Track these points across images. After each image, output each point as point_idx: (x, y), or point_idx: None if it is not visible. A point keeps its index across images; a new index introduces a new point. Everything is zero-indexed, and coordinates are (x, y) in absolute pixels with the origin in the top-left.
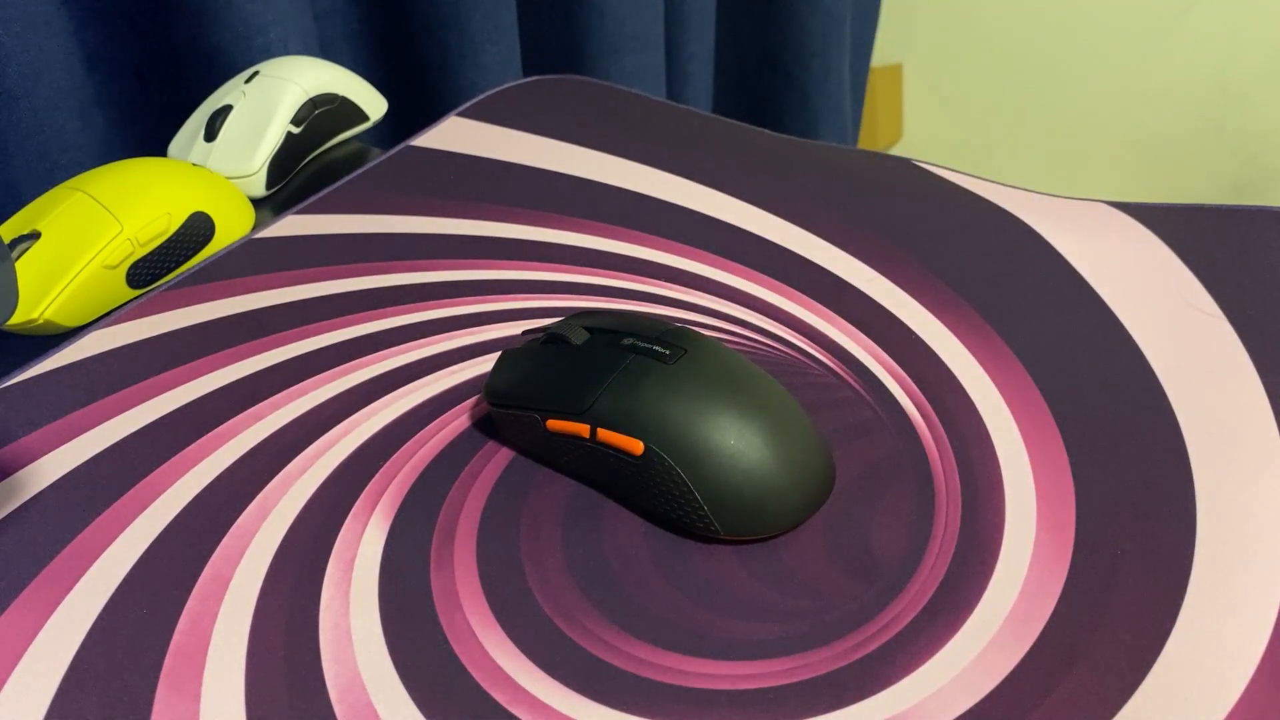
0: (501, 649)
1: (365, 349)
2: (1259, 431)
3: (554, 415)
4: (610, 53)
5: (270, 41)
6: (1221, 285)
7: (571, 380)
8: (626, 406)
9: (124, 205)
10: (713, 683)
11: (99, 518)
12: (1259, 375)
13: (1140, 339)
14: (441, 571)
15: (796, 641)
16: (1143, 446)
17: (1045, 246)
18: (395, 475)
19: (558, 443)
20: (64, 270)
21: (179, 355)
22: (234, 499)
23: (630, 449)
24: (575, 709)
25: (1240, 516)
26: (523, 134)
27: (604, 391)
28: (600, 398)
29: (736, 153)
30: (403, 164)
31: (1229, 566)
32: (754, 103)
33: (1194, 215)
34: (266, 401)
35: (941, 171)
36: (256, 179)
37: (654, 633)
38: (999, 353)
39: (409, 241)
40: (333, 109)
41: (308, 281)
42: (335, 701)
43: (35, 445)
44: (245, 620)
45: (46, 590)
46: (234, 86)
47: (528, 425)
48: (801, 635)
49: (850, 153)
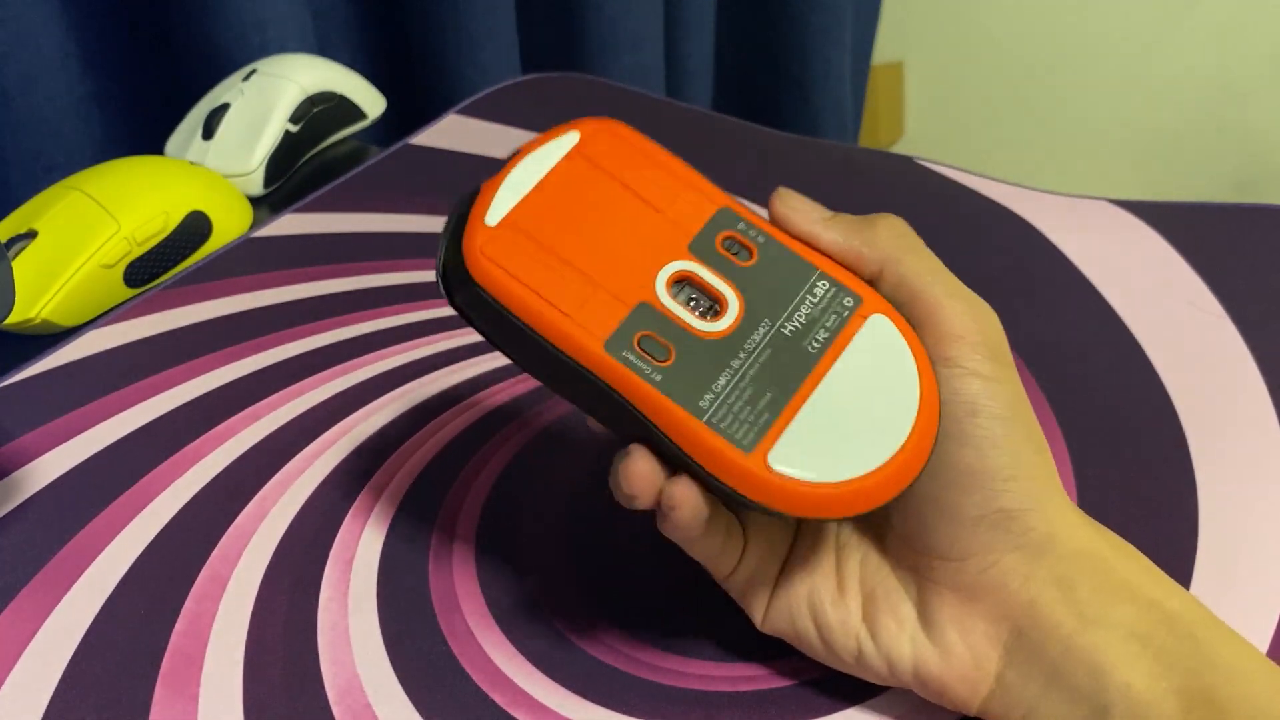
0: (500, 650)
1: (364, 348)
2: (1261, 430)
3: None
4: (609, 50)
5: (268, 39)
6: (1223, 283)
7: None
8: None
9: (121, 204)
10: (712, 684)
11: (97, 518)
12: (1261, 373)
13: (1142, 336)
14: (440, 572)
15: None
16: (1145, 445)
17: (1046, 244)
18: (394, 475)
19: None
20: (61, 269)
21: (177, 355)
22: (232, 499)
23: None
24: (574, 710)
25: (1242, 515)
26: (521, 131)
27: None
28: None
29: (736, 150)
30: (401, 162)
31: (1231, 565)
32: (754, 100)
33: (1196, 213)
34: (265, 401)
35: (943, 169)
36: (254, 177)
37: (654, 634)
38: None
39: (408, 240)
40: (331, 107)
41: (306, 280)
42: (333, 702)
43: (33, 445)
44: (243, 621)
45: (44, 591)
46: (232, 85)
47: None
48: None
49: (851, 150)
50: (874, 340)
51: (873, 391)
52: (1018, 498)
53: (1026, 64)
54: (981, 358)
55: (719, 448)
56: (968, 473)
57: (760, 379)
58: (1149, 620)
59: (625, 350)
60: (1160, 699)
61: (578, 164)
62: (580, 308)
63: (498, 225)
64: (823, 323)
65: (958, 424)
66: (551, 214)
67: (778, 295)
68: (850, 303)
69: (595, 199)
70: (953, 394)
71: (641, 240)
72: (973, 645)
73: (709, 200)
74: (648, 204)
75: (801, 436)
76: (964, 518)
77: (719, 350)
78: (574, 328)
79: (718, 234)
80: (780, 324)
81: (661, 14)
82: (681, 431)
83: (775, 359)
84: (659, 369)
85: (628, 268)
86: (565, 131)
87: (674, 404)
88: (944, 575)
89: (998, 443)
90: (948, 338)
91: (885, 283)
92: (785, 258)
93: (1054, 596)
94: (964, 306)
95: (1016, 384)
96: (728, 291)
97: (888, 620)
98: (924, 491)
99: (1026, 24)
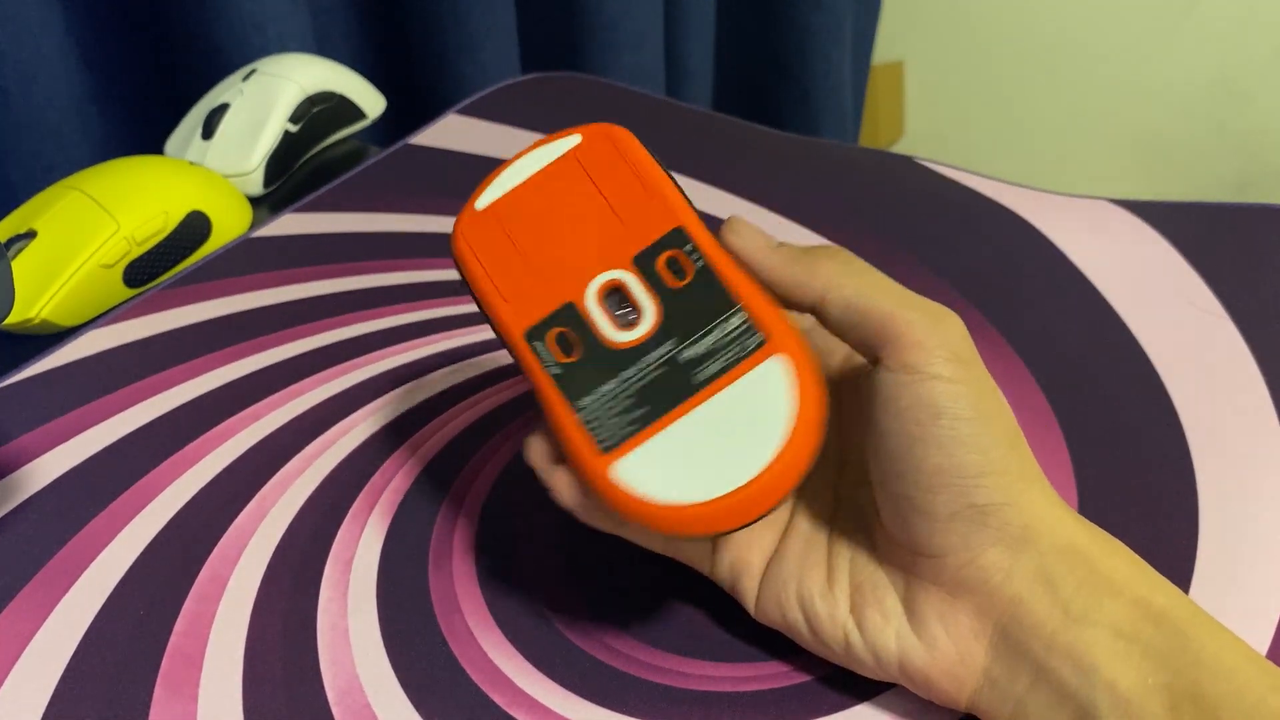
0: (500, 650)
1: (364, 348)
2: (1261, 429)
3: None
4: (609, 50)
5: (268, 39)
6: (1224, 283)
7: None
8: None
9: (121, 204)
10: (713, 684)
11: (96, 518)
12: (1261, 373)
13: (1142, 336)
14: (440, 572)
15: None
16: (1145, 444)
17: (1047, 244)
18: (394, 475)
19: None
20: (60, 269)
21: (176, 355)
22: (232, 499)
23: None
24: (574, 710)
25: (1242, 514)
26: (521, 131)
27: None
28: None
29: (736, 150)
30: (401, 162)
31: (1232, 564)
32: (754, 100)
33: (1196, 212)
34: (264, 401)
35: (943, 169)
36: (254, 177)
37: (653, 634)
38: (1000, 350)
39: (408, 240)
40: (330, 107)
41: (305, 280)
42: (333, 703)
43: (32, 445)
44: (243, 621)
45: (43, 591)
46: (231, 84)
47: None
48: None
49: (851, 150)
50: (763, 380)
51: (738, 428)
52: (990, 493)
53: (1026, 64)
54: (942, 360)
55: (580, 445)
56: (936, 473)
57: (642, 394)
58: (1135, 617)
59: (537, 341)
60: (1147, 696)
61: (568, 166)
62: (517, 296)
63: (482, 211)
64: (723, 354)
65: (922, 428)
66: (527, 209)
67: (693, 319)
68: (754, 342)
69: (569, 201)
70: (915, 400)
71: (593, 245)
72: (957, 640)
73: (669, 218)
74: (613, 212)
75: (653, 454)
76: (938, 514)
77: (617, 359)
78: (507, 312)
79: (663, 251)
80: (683, 347)
81: (661, 14)
82: (560, 422)
83: (663, 378)
84: (559, 364)
85: (569, 268)
86: (569, 134)
87: (561, 396)
88: (927, 571)
89: (964, 442)
90: (904, 346)
91: (832, 307)
92: (713, 286)
93: (1038, 593)
94: (917, 315)
95: (984, 383)
96: (650, 307)
97: (874, 613)
98: (899, 491)
99: (1026, 24)
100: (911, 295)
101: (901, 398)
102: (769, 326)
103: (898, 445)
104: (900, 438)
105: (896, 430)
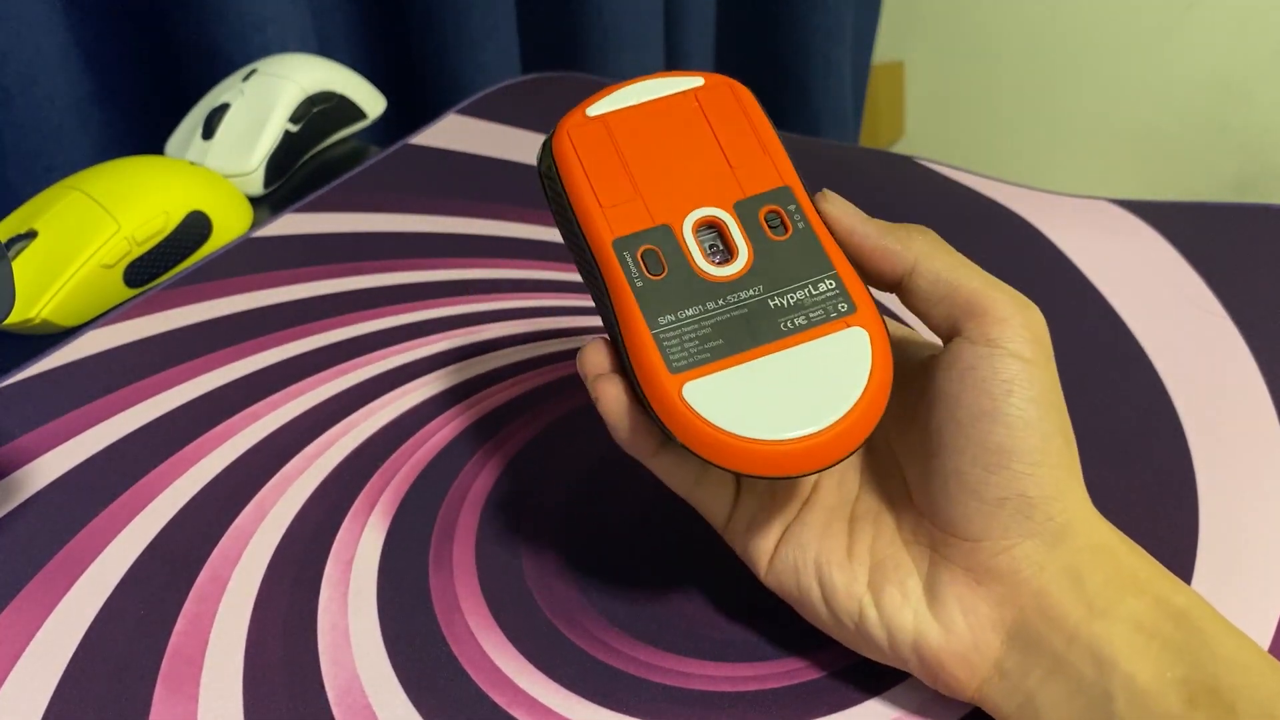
0: (500, 650)
1: (364, 348)
2: (1262, 430)
3: None
4: (609, 50)
5: (268, 39)
6: (1224, 282)
7: None
8: None
9: (121, 204)
10: (713, 684)
11: (96, 518)
12: (1261, 373)
13: (1142, 335)
14: (440, 572)
15: (797, 642)
16: (1145, 444)
17: (1047, 244)
18: (394, 475)
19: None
20: (61, 269)
21: (176, 355)
22: (232, 499)
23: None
24: (574, 710)
25: (1243, 515)
26: (521, 131)
27: None
28: None
29: None
30: (401, 162)
31: (1231, 564)
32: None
33: (1197, 212)
34: (264, 401)
35: (943, 169)
36: (254, 177)
37: (654, 634)
38: None
39: (408, 240)
40: (331, 107)
41: (305, 280)
42: (333, 702)
43: (32, 445)
44: (243, 621)
45: (44, 591)
46: (232, 84)
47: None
48: (802, 636)
49: (852, 150)
50: (842, 344)
51: (814, 381)
52: (1042, 484)
53: (1026, 64)
54: (1024, 340)
55: (651, 359)
56: (997, 451)
57: (722, 327)
58: (1156, 613)
59: (626, 251)
60: (1165, 689)
61: (687, 102)
62: (614, 205)
63: (592, 118)
64: (809, 311)
65: (993, 401)
66: (641, 128)
67: (785, 272)
68: (843, 308)
69: (683, 133)
70: (991, 373)
71: (699, 180)
72: (974, 627)
73: (778, 176)
74: (724, 156)
75: (723, 384)
76: (988, 497)
77: (704, 290)
78: (599, 217)
79: (766, 204)
80: (771, 295)
81: (661, 14)
82: (632, 333)
83: (746, 318)
84: (644, 278)
85: (673, 195)
86: (692, 75)
87: (638, 309)
88: (958, 554)
89: (1031, 424)
90: (990, 320)
91: (921, 279)
92: (810, 247)
93: (1065, 587)
94: (1007, 296)
95: (1054, 375)
96: (744, 250)
97: (893, 590)
98: (950, 466)
99: (1027, 24)
100: (999, 281)
101: (980, 368)
102: (858, 299)
103: (966, 417)
104: (970, 410)
105: (968, 403)
